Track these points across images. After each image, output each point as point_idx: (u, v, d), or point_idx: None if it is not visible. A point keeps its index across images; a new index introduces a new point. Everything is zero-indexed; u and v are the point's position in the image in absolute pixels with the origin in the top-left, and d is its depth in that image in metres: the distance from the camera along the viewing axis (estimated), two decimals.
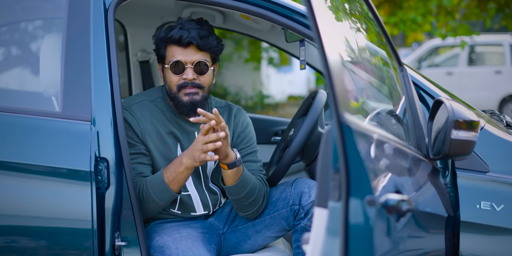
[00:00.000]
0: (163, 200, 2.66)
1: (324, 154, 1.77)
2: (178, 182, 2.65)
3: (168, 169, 2.65)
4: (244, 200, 2.74)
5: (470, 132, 2.41)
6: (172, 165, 2.65)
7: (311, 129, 2.90)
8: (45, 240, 2.44)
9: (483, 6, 9.00)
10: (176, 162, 2.64)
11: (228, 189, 2.72)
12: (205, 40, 2.72)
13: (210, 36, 2.74)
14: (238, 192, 2.71)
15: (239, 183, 2.68)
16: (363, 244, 1.73)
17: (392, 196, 1.83)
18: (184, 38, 2.70)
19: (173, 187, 2.64)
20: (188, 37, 2.69)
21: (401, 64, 2.74)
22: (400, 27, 9.33)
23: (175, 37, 2.71)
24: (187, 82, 2.72)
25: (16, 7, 2.82)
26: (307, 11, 1.74)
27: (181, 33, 2.71)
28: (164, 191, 2.63)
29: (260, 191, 2.77)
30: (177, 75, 2.73)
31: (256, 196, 2.75)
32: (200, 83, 2.74)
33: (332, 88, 1.69)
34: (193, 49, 2.72)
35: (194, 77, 2.72)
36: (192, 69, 2.72)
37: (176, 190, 2.66)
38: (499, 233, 2.65)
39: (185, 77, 2.71)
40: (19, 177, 2.44)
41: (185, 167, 2.61)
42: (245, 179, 2.69)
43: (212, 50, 2.76)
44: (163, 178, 2.63)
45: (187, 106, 2.73)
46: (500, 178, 2.66)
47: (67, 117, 2.48)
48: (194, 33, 2.70)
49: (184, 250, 2.63)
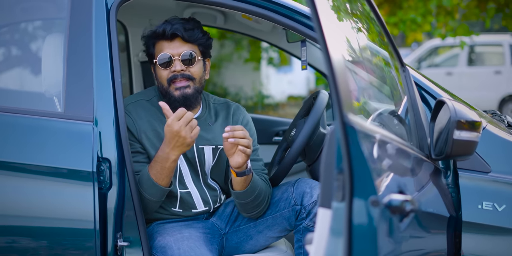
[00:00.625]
0: (156, 196, 2.64)
1: (328, 155, 1.77)
2: (166, 176, 2.63)
3: (153, 167, 2.62)
4: (251, 203, 2.74)
5: (472, 133, 2.41)
6: (156, 163, 2.62)
7: (313, 130, 2.90)
8: (47, 241, 2.44)
9: (483, 6, 9.00)
10: (160, 159, 2.61)
11: (236, 194, 2.72)
12: (190, 32, 2.75)
13: (195, 29, 2.77)
14: (246, 197, 2.71)
15: (248, 190, 2.69)
16: (367, 244, 1.73)
17: (395, 196, 1.83)
18: (168, 30, 2.72)
19: (162, 182, 2.63)
20: (172, 28, 2.72)
21: (403, 64, 2.74)
22: (400, 27, 9.33)
23: (159, 30, 2.74)
24: (176, 74, 2.73)
25: (18, 7, 2.82)
26: (311, 12, 1.74)
27: (164, 26, 2.74)
28: (153, 187, 2.62)
29: (266, 194, 2.77)
30: (166, 69, 2.74)
31: (261, 199, 2.75)
32: (190, 74, 2.74)
33: (336, 89, 1.69)
34: (179, 42, 2.75)
35: (182, 68, 2.73)
36: (179, 61, 2.73)
37: (166, 184, 2.65)
38: (501, 233, 2.65)
39: (173, 69, 2.73)
40: (21, 177, 2.44)
41: (173, 160, 2.61)
42: (254, 186, 2.69)
43: (199, 42, 2.77)
44: (150, 175, 2.62)
45: (179, 101, 2.73)
46: (502, 178, 2.67)
47: (69, 118, 2.48)
48: (178, 25, 2.74)
49: (186, 250, 2.63)
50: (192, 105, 2.78)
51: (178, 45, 2.75)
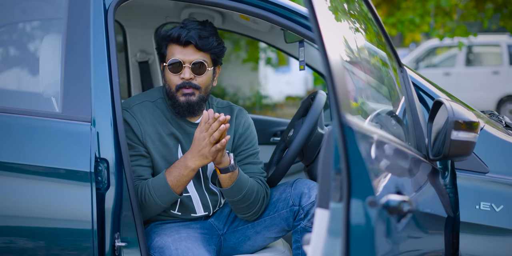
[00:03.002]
0: (166, 202, 2.66)
1: (326, 155, 1.77)
2: (182, 184, 2.65)
3: (172, 172, 2.64)
4: (240, 203, 2.74)
5: (470, 133, 2.41)
6: (175, 168, 2.64)
7: (311, 130, 2.90)
8: (45, 241, 2.43)
9: (481, 6, 9.01)
10: (179, 165, 2.64)
11: (223, 191, 2.72)
12: (204, 40, 2.71)
13: (210, 37, 2.73)
14: (233, 195, 2.71)
15: (234, 187, 2.68)
16: (364, 245, 1.73)
17: (393, 197, 1.83)
18: (182, 37, 2.70)
19: (177, 189, 2.64)
20: (187, 36, 2.69)
21: (401, 65, 2.74)
22: (398, 28, 9.34)
23: (174, 35, 2.71)
24: (184, 83, 2.72)
25: (16, 7, 2.82)
26: (309, 13, 1.74)
27: (180, 31, 2.71)
28: (168, 194, 2.63)
29: (258, 195, 2.76)
30: (175, 74, 2.73)
31: (253, 200, 2.74)
32: (197, 83, 2.73)
33: (333, 90, 1.69)
34: (192, 49, 2.72)
35: (191, 76, 2.72)
36: (189, 69, 2.71)
37: (179, 192, 2.66)
38: (498, 233, 2.65)
39: (182, 76, 2.71)
40: (19, 178, 2.44)
41: (191, 170, 2.62)
42: (240, 183, 2.69)
43: (212, 51, 2.75)
44: (167, 181, 2.63)
45: (183, 106, 2.73)
46: (500, 178, 2.67)
47: (67, 118, 2.48)
48: (194, 32, 2.70)
49: (183, 250, 2.63)
50: (195, 112, 2.77)
51: (191, 53, 2.72)
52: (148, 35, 4.09)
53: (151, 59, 4.14)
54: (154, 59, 4.15)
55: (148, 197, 2.62)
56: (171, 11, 3.75)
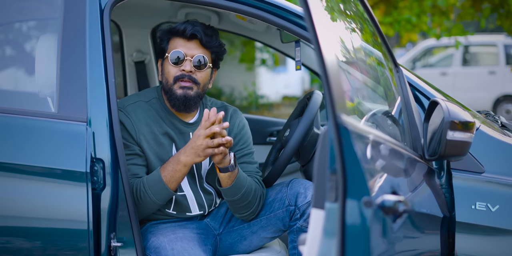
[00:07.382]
0: (161, 199, 2.66)
1: (321, 155, 1.77)
2: (176, 180, 2.65)
3: (165, 167, 2.65)
4: (239, 202, 2.74)
5: (466, 133, 2.41)
6: (169, 163, 2.66)
7: (307, 130, 2.90)
8: (41, 241, 2.43)
9: (478, 6, 9.02)
10: (173, 161, 2.65)
11: (223, 190, 2.72)
12: (208, 37, 2.77)
13: (214, 36, 2.79)
14: (233, 194, 2.71)
15: (233, 186, 2.69)
16: (359, 245, 1.73)
17: (388, 197, 1.83)
18: (188, 30, 2.74)
19: (171, 185, 2.65)
20: (193, 29, 2.74)
21: (396, 65, 2.74)
22: (395, 27, 9.34)
23: (180, 28, 2.76)
24: (184, 74, 2.73)
25: (11, 7, 2.82)
26: (304, 13, 1.74)
27: (186, 25, 2.76)
28: (162, 190, 2.63)
29: (256, 194, 2.77)
30: (176, 66, 2.74)
31: (251, 199, 2.75)
32: (196, 78, 2.75)
33: (329, 90, 1.69)
34: (196, 44, 2.76)
35: (191, 70, 2.74)
36: (190, 62, 2.74)
37: (174, 188, 2.67)
38: (494, 233, 2.66)
39: (183, 69, 2.73)
40: (14, 178, 2.44)
41: (183, 165, 2.62)
42: (240, 182, 2.69)
43: (214, 50, 2.79)
44: (161, 176, 2.64)
45: (180, 99, 2.74)
46: (496, 178, 2.67)
47: (63, 118, 2.47)
48: (199, 28, 2.76)
49: (179, 250, 2.63)
50: (191, 108, 2.78)
51: (194, 47, 2.76)
52: (144, 35, 4.09)
53: (147, 59, 4.14)
54: (150, 59, 4.15)
55: (143, 194, 2.62)
56: (167, 11, 3.75)
